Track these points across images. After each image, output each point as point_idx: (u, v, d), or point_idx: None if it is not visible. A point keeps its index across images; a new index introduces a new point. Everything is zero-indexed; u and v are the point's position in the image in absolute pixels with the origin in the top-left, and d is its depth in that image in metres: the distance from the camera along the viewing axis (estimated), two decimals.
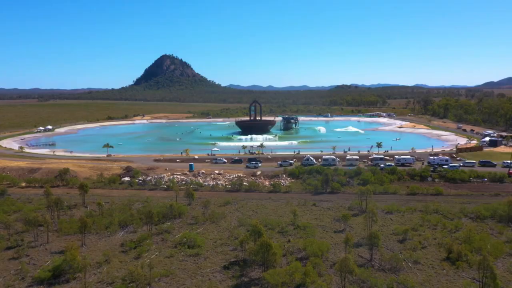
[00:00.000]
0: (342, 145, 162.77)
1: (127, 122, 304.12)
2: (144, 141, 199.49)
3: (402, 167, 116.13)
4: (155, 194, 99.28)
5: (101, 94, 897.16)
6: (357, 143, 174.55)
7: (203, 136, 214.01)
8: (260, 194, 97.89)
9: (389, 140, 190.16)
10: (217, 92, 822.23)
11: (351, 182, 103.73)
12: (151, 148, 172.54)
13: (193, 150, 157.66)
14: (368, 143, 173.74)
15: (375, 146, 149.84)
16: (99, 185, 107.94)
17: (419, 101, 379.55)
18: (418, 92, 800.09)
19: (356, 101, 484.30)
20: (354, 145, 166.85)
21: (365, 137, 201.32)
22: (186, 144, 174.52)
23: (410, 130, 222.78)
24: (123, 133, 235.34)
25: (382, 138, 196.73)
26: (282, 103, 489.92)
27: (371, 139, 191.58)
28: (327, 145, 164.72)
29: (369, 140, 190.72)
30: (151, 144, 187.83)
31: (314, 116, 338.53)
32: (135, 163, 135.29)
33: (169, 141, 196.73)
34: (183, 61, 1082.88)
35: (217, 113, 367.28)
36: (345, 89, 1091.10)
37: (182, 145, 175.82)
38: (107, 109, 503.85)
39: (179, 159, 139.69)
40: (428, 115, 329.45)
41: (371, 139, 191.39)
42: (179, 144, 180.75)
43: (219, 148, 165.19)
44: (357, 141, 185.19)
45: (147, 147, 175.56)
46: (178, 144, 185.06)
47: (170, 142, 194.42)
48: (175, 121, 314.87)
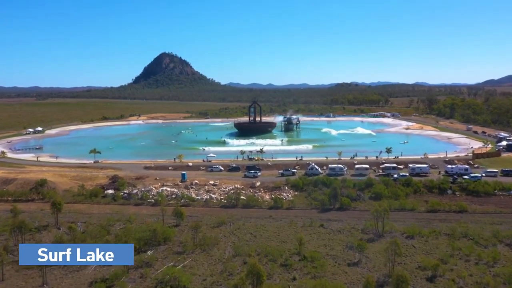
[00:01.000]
0: (348, 150, 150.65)
1: (122, 122, 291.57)
2: (137, 144, 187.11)
3: (417, 177, 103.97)
4: (141, 211, 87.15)
5: (99, 93, 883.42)
6: (363, 147, 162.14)
7: (200, 139, 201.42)
8: (260, 211, 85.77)
9: (397, 143, 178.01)
10: (217, 90, 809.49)
11: (362, 196, 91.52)
12: (143, 152, 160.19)
13: (187, 156, 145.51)
14: (375, 147, 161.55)
15: (384, 151, 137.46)
16: (79, 199, 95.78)
17: (423, 100, 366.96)
18: (419, 90, 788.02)
19: (358, 100, 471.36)
20: (360, 149, 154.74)
21: (370, 140, 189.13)
22: (180, 150, 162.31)
23: (418, 132, 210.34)
24: (116, 134, 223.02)
25: (388, 141, 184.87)
26: (283, 102, 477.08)
27: (377, 142, 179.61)
28: (332, 149, 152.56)
29: (375, 143, 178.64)
30: (144, 148, 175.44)
31: (315, 116, 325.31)
32: (124, 171, 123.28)
33: (163, 145, 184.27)
34: (183, 59, 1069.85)
35: (215, 113, 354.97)
36: (345, 87, 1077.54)
37: (177, 150, 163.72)
38: (104, 109, 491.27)
39: (172, 167, 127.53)
40: (433, 115, 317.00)
41: (377, 142, 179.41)
42: (174, 149, 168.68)
43: (216, 154, 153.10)
44: (363, 145, 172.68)
45: (139, 152, 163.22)
46: (172, 148, 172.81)
47: (164, 145, 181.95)
48: (172, 121, 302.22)
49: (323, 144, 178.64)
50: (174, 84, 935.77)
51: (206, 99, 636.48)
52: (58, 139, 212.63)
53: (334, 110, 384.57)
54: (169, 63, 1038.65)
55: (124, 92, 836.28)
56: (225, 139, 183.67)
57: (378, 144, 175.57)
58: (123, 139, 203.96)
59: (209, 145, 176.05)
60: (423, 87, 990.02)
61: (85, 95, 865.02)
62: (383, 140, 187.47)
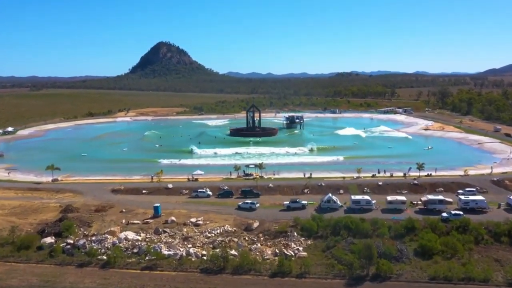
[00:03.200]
0: (363, 162, 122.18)
1: (107, 120, 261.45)
2: (115, 150, 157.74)
3: (471, 213, 75.30)
4: (84, 280, 58.43)
5: (95, 83, 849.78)
6: (385, 159, 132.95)
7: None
8: (257, 280, 57.38)
9: (420, 149, 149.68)
10: (215, 80, 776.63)
11: (404, 252, 62.82)
12: (118, 164, 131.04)
13: (170, 170, 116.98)
14: (393, 155, 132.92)
15: (414, 167, 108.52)
16: (4, 252, 67.20)
17: (435, 93, 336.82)
18: (422, 80, 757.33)
19: (362, 92, 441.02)
20: (381, 161, 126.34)
21: (386, 145, 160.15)
22: (166, 154, 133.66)
23: (440, 134, 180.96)
24: (96, 136, 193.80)
25: (409, 147, 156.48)
26: (283, 93, 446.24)
27: (395, 149, 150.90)
28: (370, 162, 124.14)
29: (392, 150, 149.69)
30: (121, 156, 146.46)
31: (319, 112, 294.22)
32: (84, 196, 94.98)
33: (146, 151, 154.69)
34: (180, 49, 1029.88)
35: (211, 108, 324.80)
36: (346, 76, 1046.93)
37: (161, 155, 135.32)
38: (95, 101, 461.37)
39: (147, 190, 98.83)
40: (446, 110, 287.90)
41: (395, 149, 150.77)
42: (157, 154, 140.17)
43: (206, 165, 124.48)
44: (383, 154, 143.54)
45: (114, 163, 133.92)
46: (155, 154, 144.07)
47: (146, 152, 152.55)
48: (162, 118, 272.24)
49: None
50: (172, 74, 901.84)
51: (203, 90, 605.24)
52: (29, 142, 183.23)
53: (338, 103, 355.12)
54: (166, 53, 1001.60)
55: (120, 83, 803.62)
56: (215, 151, 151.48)
57: (397, 151, 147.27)
58: (101, 143, 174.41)
59: (205, 157, 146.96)
60: (425, 76, 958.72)
61: (80, 86, 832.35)
62: (403, 145, 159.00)
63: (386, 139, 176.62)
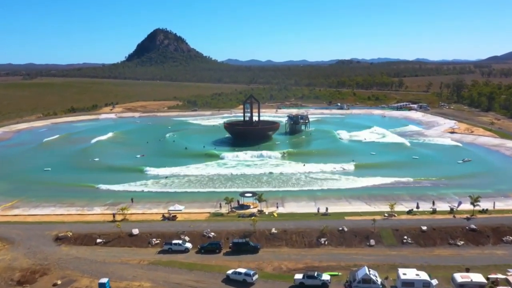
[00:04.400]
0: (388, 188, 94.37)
1: (89, 117, 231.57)
2: (86, 161, 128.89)
3: None
4: None
5: (90, 71, 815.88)
6: (419, 180, 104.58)
7: (175, 151, 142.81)
8: None
9: (452, 160, 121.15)
10: (213, 69, 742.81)
11: None
12: (78, 189, 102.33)
13: (147, 197, 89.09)
14: (429, 174, 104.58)
15: (464, 201, 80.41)
16: None
17: (448, 85, 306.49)
18: (426, 68, 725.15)
19: (368, 82, 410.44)
20: (413, 183, 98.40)
21: (409, 152, 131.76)
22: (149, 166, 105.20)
23: (470, 139, 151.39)
24: (70, 141, 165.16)
25: (437, 158, 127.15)
26: (284, 84, 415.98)
27: (420, 161, 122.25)
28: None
29: (417, 161, 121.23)
30: (90, 171, 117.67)
31: (325, 108, 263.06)
32: (15, 247, 67.73)
33: (116, 171, 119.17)
34: (178, 36, 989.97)
35: (206, 102, 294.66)
36: (347, 64, 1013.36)
37: (134, 177, 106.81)
38: (85, 92, 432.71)
39: (103, 237, 70.98)
40: (464, 104, 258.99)
41: (421, 161, 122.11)
42: (129, 176, 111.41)
43: (188, 187, 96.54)
44: (408, 164, 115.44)
45: (74, 185, 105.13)
46: (127, 174, 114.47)
47: (118, 171, 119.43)
48: (151, 114, 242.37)
49: (347, 160, 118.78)
50: (169, 62, 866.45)
51: (200, 79, 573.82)
52: None
53: (343, 95, 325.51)
54: (163, 40, 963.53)
55: (115, 71, 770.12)
56: (215, 148, 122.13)
57: (424, 164, 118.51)
58: (71, 151, 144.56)
59: (192, 162, 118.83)
60: (428, 64, 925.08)
61: (75, 74, 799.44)
62: (428, 155, 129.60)
63: (431, 146, 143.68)
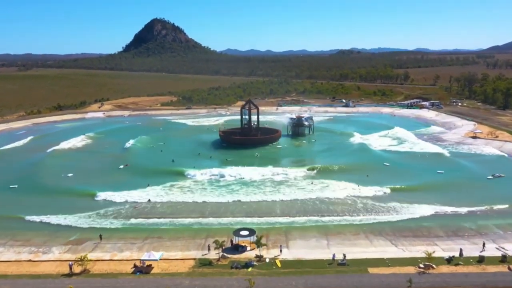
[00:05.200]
0: None
1: (75, 116, 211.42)
2: (57, 176, 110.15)
3: None
4: None
5: (86, 62, 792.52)
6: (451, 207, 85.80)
7: (161, 165, 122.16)
8: None
9: (480, 176, 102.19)
10: (212, 60, 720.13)
11: None
12: (43, 214, 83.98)
13: (114, 241, 70.70)
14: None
15: (509, 236, 62.09)
16: None
17: (459, 79, 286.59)
18: (429, 59, 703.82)
19: (371, 75, 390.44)
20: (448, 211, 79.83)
21: (450, 166, 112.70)
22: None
23: (495, 147, 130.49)
24: (47, 144, 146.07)
25: (472, 172, 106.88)
26: (284, 77, 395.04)
27: (445, 176, 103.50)
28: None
29: (443, 176, 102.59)
30: (61, 192, 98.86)
31: (328, 105, 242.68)
32: None
33: (100, 180, 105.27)
34: (176, 26, 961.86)
35: (202, 97, 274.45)
36: (347, 54, 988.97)
37: (83, 204, 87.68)
38: (78, 85, 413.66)
39: None
40: (477, 101, 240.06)
41: (445, 177, 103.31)
42: (77, 202, 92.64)
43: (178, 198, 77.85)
44: (450, 186, 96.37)
45: (42, 208, 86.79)
46: (113, 184, 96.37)
47: (100, 181, 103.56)
48: (142, 113, 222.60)
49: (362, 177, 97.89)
50: (167, 52, 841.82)
51: (198, 71, 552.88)
52: None
53: (347, 90, 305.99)
54: (161, 30, 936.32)
55: (112, 62, 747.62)
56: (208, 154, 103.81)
57: (458, 182, 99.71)
58: (47, 164, 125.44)
59: (175, 179, 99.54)
60: (430, 54, 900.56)
61: (71, 65, 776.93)
62: (467, 169, 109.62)
63: (472, 158, 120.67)
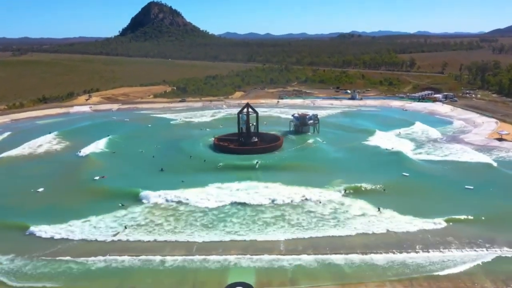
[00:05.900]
0: None
1: (59, 110, 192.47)
2: (27, 192, 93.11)
3: None
4: None
5: (82, 47, 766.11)
6: None
7: (148, 178, 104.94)
8: None
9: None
10: (210, 44, 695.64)
11: None
12: (6, 241, 67.41)
13: None
14: None
15: None
16: None
17: (470, 68, 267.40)
18: (432, 44, 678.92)
19: (376, 62, 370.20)
20: None
21: (502, 183, 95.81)
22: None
23: None
24: (21, 146, 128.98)
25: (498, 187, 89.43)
26: (285, 64, 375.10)
27: (479, 193, 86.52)
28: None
29: (473, 193, 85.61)
30: (28, 212, 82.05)
31: (333, 98, 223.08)
32: None
33: (74, 196, 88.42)
34: (173, 9, 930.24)
35: (198, 87, 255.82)
36: (348, 38, 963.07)
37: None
38: (70, 72, 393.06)
39: None
40: (491, 91, 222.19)
41: (480, 194, 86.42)
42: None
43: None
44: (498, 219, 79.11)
45: (5, 231, 70.33)
46: (85, 205, 79.42)
47: (74, 198, 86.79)
48: (132, 106, 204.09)
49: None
50: (164, 36, 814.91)
51: (195, 57, 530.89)
52: None
53: (351, 79, 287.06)
54: (158, 13, 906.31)
55: (108, 47, 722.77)
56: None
57: (484, 198, 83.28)
58: (14, 170, 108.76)
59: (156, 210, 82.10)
60: (432, 38, 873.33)
61: (66, 50, 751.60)
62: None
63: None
